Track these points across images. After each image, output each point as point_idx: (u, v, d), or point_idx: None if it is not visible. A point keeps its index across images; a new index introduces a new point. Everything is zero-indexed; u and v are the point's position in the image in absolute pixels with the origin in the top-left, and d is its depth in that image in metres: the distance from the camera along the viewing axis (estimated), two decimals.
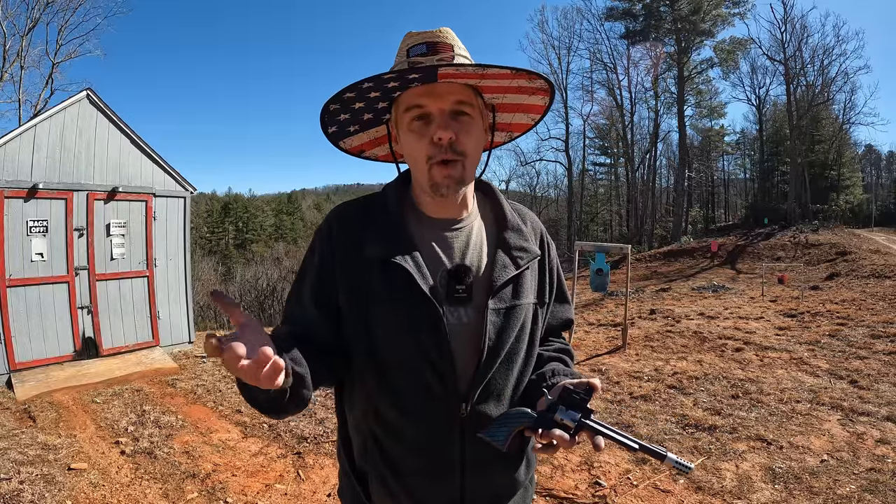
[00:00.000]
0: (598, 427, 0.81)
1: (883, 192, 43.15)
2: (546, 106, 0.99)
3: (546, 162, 38.65)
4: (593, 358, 5.82)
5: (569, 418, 0.81)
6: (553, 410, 0.82)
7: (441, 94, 0.85)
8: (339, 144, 1.03)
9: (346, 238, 0.90)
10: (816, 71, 28.57)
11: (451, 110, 0.85)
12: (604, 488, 2.84)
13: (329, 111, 0.93)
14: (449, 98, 0.85)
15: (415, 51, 0.86)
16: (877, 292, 9.53)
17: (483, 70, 0.83)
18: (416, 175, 0.92)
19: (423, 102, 0.85)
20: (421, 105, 0.85)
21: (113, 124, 5.85)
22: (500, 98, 0.96)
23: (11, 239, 5.02)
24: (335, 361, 0.89)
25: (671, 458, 0.80)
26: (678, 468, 0.80)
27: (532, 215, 1.06)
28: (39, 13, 21.64)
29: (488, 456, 0.88)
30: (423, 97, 0.85)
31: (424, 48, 0.86)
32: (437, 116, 0.85)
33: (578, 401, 0.82)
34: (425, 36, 0.88)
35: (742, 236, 24.15)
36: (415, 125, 0.86)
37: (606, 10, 32.84)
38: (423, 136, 0.85)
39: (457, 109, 0.86)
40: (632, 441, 0.81)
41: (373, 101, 0.92)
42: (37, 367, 5.12)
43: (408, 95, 0.87)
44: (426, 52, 0.86)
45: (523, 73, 0.87)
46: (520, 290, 0.92)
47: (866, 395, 4.10)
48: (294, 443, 3.54)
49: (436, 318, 0.84)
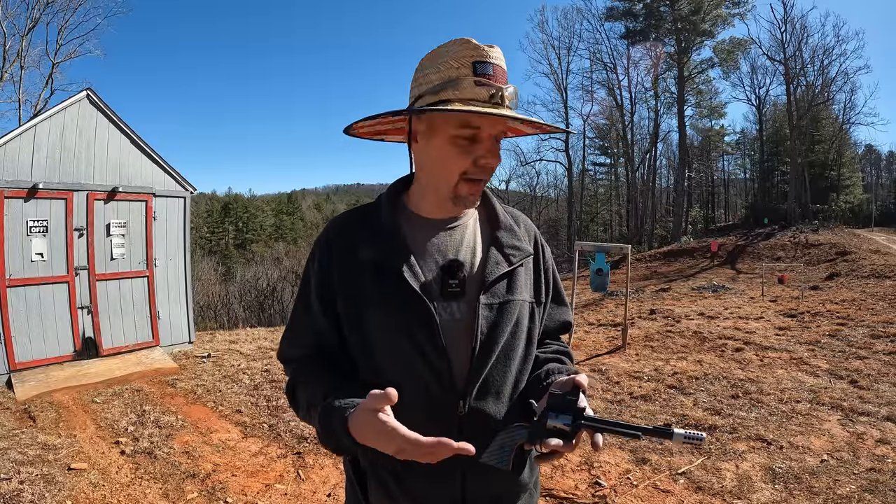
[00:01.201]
0: (594, 424, 0.79)
1: (883, 192, 43.16)
2: (553, 130, 1.03)
3: (546, 162, 38.80)
4: (593, 358, 5.82)
5: (561, 423, 0.79)
6: (544, 419, 0.81)
7: (495, 123, 0.88)
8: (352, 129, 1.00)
9: (342, 245, 0.93)
10: (816, 71, 28.60)
11: (498, 137, 0.90)
12: (604, 488, 2.84)
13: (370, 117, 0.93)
14: (500, 127, 0.89)
15: (482, 69, 0.86)
16: (877, 292, 9.53)
17: (540, 128, 0.96)
18: (435, 182, 0.92)
19: (480, 124, 0.86)
20: (477, 126, 0.86)
21: (113, 124, 5.84)
22: (518, 123, 0.97)
23: (11, 239, 5.02)
24: (350, 365, 0.93)
25: (679, 433, 0.77)
26: (689, 441, 0.76)
27: (525, 218, 1.08)
28: (39, 13, 21.65)
29: None
30: (479, 118, 0.86)
31: (491, 69, 0.86)
32: (487, 142, 0.88)
33: (567, 402, 0.80)
34: (489, 54, 0.87)
35: (742, 236, 24.16)
36: (461, 141, 0.87)
37: (606, 10, 32.88)
38: (468, 153, 0.88)
39: (499, 137, 0.91)
40: (633, 429, 0.79)
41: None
42: (37, 367, 5.11)
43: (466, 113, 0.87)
44: (492, 75, 0.86)
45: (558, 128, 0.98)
46: (513, 287, 0.93)
47: (866, 395, 4.10)
48: (294, 443, 3.54)
49: (427, 315, 0.86)
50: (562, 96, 34.32)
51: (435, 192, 0.93)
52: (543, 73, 41.18)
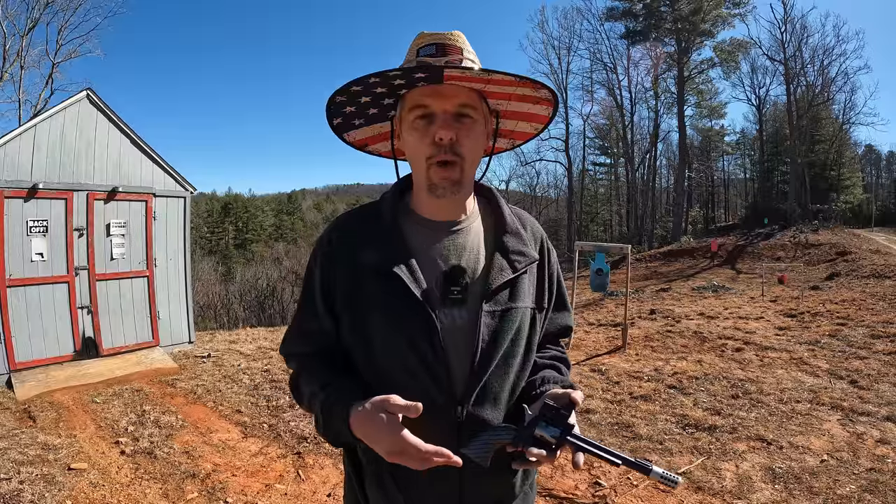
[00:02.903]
0: (579, 443, 0.80)
1: (883, 192, 43.19)
2: (549, 116, 1.00)
3: (546, 162, 38.84)
4: (593, 358, 5.82)
5: (549, 434, 0.80)
6: (533, 426, 0.81)
7: (446, 96, 0.86)
8: (343, 137, 1.04)
9: (343, 248, 0.92)
10: (816, 71, 28.63)
11: (454, 112, 0.86)
12: (604, 488, 2.84)
13: (335, 102, 0.94)
14: (454, 100, 0.86)
15: (424, 51, 0.88)
16: (877, 292, 9.53)
17: (488, 75, 0.84)
18: (415, 174, 0.94)
19: (427, 102, 0.86)
20: (426, 105, 0.86)
21: (113, 124, 5.84)
22: (504, 105, 0.97)
23: (11, 239, 5.01)
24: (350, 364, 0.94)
25: (656, 471, 0.78)
26: (664, 482, 0.78)
27: (533, 221, 1.06)
28: (39, 13, 21.67)
29: None
30: (428, 97, 0.86)
31: (434, 49, 0.87)
32: (440, 117, 0.86)
33: (559, 416, 0.81)
34: (436, 37, 0.89)
35: (742, 236, 24.16)
36: (418, 124, 0.87)
37: (606, 10, 32.90)
38: (426, 135, 0.86)
39: (460, 112, 0.87)
40: (614, 456, 0.80)
41: (379, 97, 0.93)
42: (37, 367, 5.11)
43: (414, 94, 0.88)
44: (435, 54, 0.87)
45: (528, 82, 0.88)
46: (516, 294, 0.92)
47: (866, 395, 4.10)
48: (294, 443, 3.54)
49: (428, 321, 0.85)
50: (562, 96, 34.27)
51: (420, 188, 0.93)
52: (543, 73, 41.07)
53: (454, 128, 0.85)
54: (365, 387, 0.86)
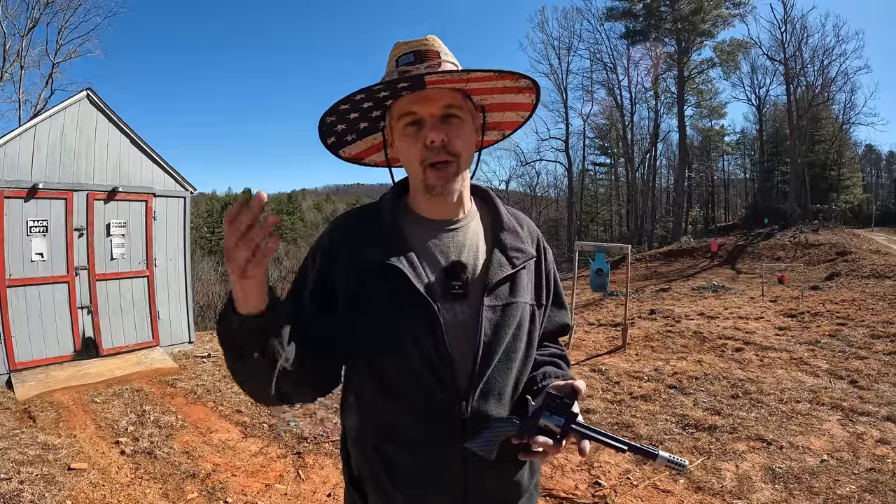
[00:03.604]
0: (584, 430, 0.81)
1: (883, 192, 43.20)
2: (533, 103, 1.02)
3: (546, 162, 38.76)
4: (593, 358, 5.82)
5: (553, 423, 0.81)
6: (538, 416, 0.82)
7: (431, 100, 0.88)
8: (339, 154, 1.07)
9: (344, 247, 0.93)
10: (816, 71, 28.58)
11: (441, 114, 0.89)
12: (604, 488, 2.84)
13: (326, 123, 0.96)
14: (439, 103, 0.89)
15: (403, 60, 0.90)
16: (877, 292, 9.52)
17: (468, 74, 0.87)
18: (412, 178, 0.96)
19: (414, 109, 0.89)
20: (413, 111, 0.89)
21: (113, 124, 5.85)
22: (488, 98, 0.99)
23: (11, 239, 5.02)
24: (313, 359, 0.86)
25: (663, 456, 0.79)
26: (671, 467, 0.79)
27: (529, 221, 1.09)
28: (39, 13, 21.64)
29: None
30: (414, 104, 0.88)
31: (412, 57, 0.90)
32: (428, 121, 0.88)
33: (563, 405, 0.82)
34: (412, 45, 0.92)
35: (742, 236, 24.15)
36: (408, 130, 0.90)
37: (606, 10, 32.82)
38: (417, 140, 0.89)
39: (447, 113, 0.89)
40: (620, 442, 0.80)
41: (367, 111, 0.95)
42: (37, 366, 5.12)
43: (400, 103, 0.91)
44: (414, 61, 0.90)
45: (506, 74, 0.91)
46: (516, 289, 0.94)
47: (866, 395, 4.10)
48: (294, 443, 3.54)
49: (431, 316, 0.85)
50: (562, 96, 34.29)
51: (417, 190, 0.95)
52: (543, 73, 41.13)
53: (443, 129, 0.88)
54: (368, 393, 0.89)
